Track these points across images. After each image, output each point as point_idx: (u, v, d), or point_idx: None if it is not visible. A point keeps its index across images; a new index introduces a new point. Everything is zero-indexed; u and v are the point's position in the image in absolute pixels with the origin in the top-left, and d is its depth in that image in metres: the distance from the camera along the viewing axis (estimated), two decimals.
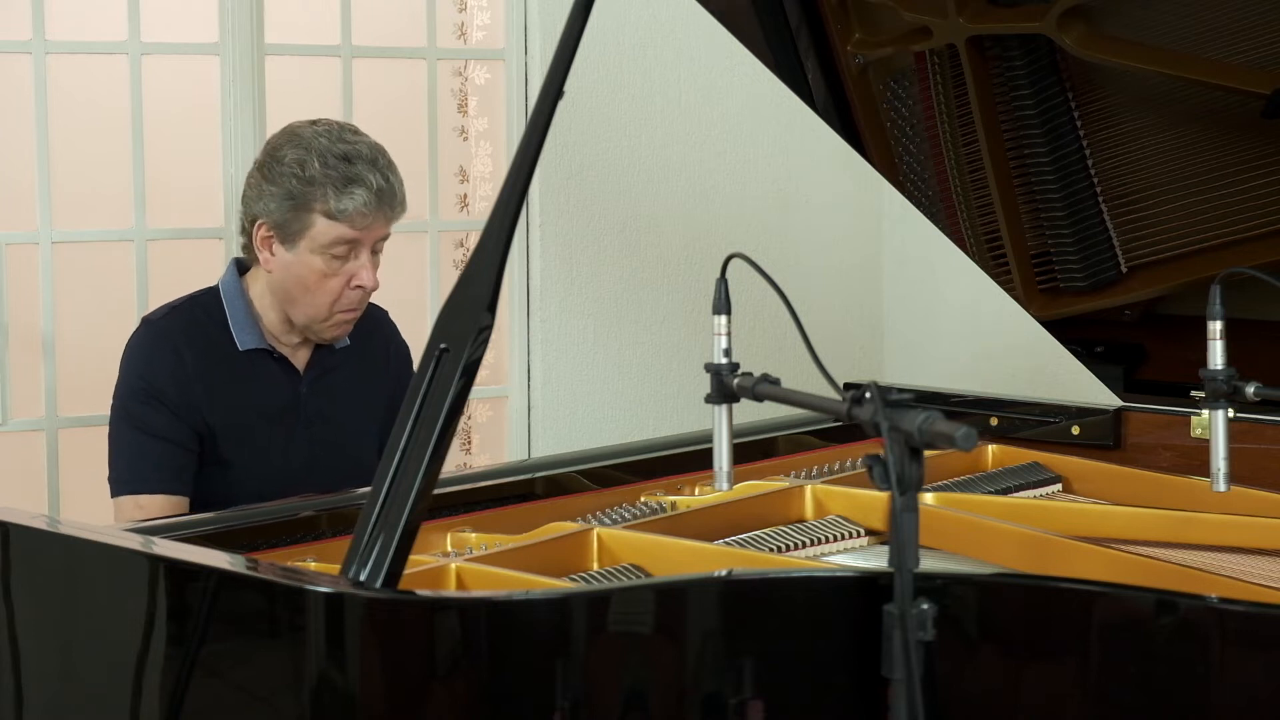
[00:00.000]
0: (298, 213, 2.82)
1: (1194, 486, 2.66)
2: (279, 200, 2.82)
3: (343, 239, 2.82)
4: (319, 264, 2.83)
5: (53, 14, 3.63)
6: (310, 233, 2.82)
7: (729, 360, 2.11)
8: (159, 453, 2.83)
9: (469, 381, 1.91)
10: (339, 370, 2.99)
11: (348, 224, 2.81)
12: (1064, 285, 3.17)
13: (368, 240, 2.84)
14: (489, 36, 4.19)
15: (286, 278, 2.86)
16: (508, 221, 1.95)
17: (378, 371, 3.02)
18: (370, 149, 2.85)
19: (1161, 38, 2.83)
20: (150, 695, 1.96)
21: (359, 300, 2.88)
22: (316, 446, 2.93)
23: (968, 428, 1.61)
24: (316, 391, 2.95)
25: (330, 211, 2.80)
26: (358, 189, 2.79)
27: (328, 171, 2.80)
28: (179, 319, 2.91)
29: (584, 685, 1.85)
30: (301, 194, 2.81)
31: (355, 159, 2.81)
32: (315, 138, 2.84)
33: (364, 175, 2.80)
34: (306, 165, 2.80)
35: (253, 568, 2.00)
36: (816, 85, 3.18)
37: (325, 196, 2.79)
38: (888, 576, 1.64)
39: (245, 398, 2.89)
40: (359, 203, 2.79)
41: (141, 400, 2.85)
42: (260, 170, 2.87)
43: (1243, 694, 1.92)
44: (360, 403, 2.98)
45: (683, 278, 4.32)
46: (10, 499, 2.65)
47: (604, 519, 2.51)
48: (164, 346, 2.87)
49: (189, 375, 2.85)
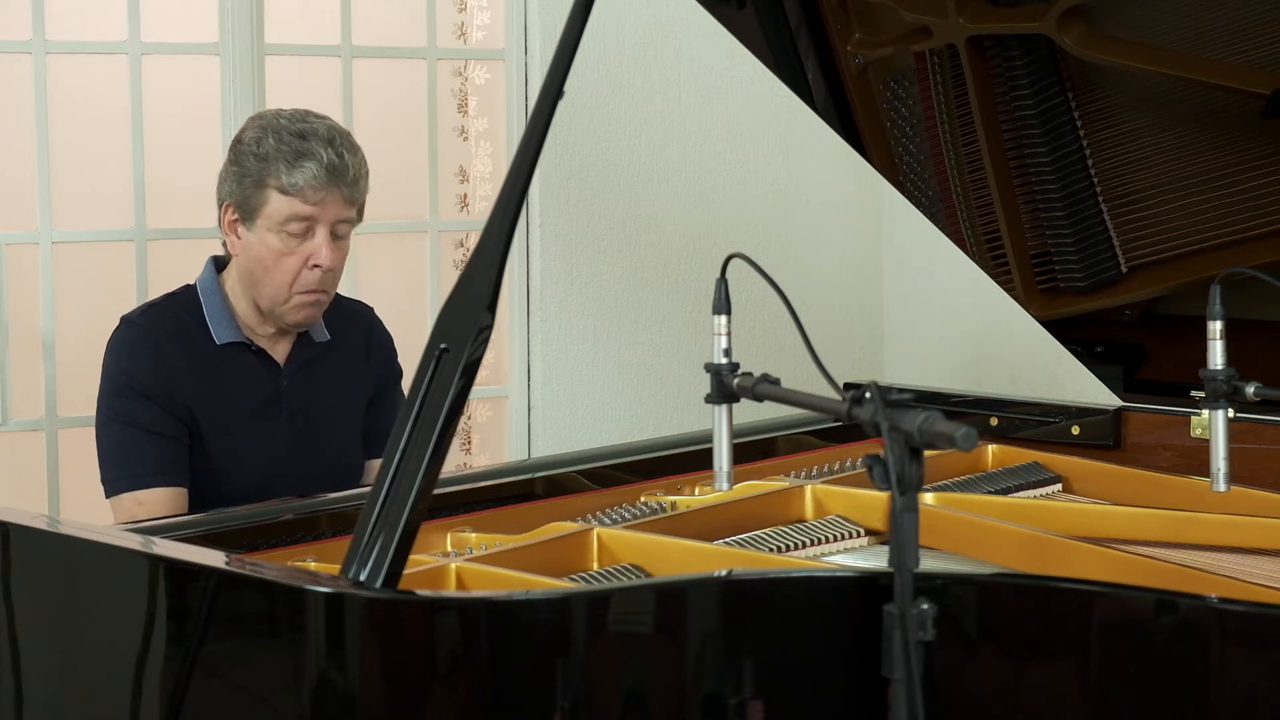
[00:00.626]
0: (255, 189, 2.85)
1: (1194, 486, 2.66)
2: (239, 179, 2.87)
3: (297, 215, 2.84)
4: (276, 242, 2.85)
5: (53, 14, 3.63)
6: (266, 209, 2.85)
7: (729, 360, 2.11)
8: (151, 446, 2.84)
9: (469, 381, 1.91)
10: (319, 362, 2.99)
11: (299, 198, 2.83)
12: (1064, 285, 3.17)
13: (324, 218, 2.85)
14: (489, 36, 4.20)
15: (249, 259, 2.89)
16: (508, 221, 1.95)
17: (359, 363, 3.03)
18: (329, 129, 2.88)
19: (1161, 38, 2.83)
20: (150, 695, 1.96)
21: (318, 281, 2.88)
22: (299, 439, 2.94)
23: (968, 428, 1.61)
24: (297, 384, 2.96)
25: (283, 186, 2.83)
26: (308, 162, 2.82)
27: (280, 147, 2.83)
28: (157, 316, 2.93)
29: (584, 685, 1.85)
30: (257, 170, 2.84)
31: (309, 135, 2.84)
32: (276, 118, 2.88)
33: (315, 150, 2.83)
34: (262, 142, 2.84)
35: (253, 568, 2.00)
36: (816, 85, 3.18)
37: (278, 171, 2.83)
38: (888, 576, 1.64)
39: (226, 392, 2.90)
40: (308, 176, 2.81)
41: (126, 396, 2.85)
42: (229, 154, 2.92)
43: (1243, 694, 1.92)
44: (342, 394, 2.99)
45: (683, 278, 4.32)
46: (10, 499, 2.65)
47: (604, 519, 2.51)
48: (144, 343, 2.88)
49: (170, 370, 2.86)
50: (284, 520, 2.44)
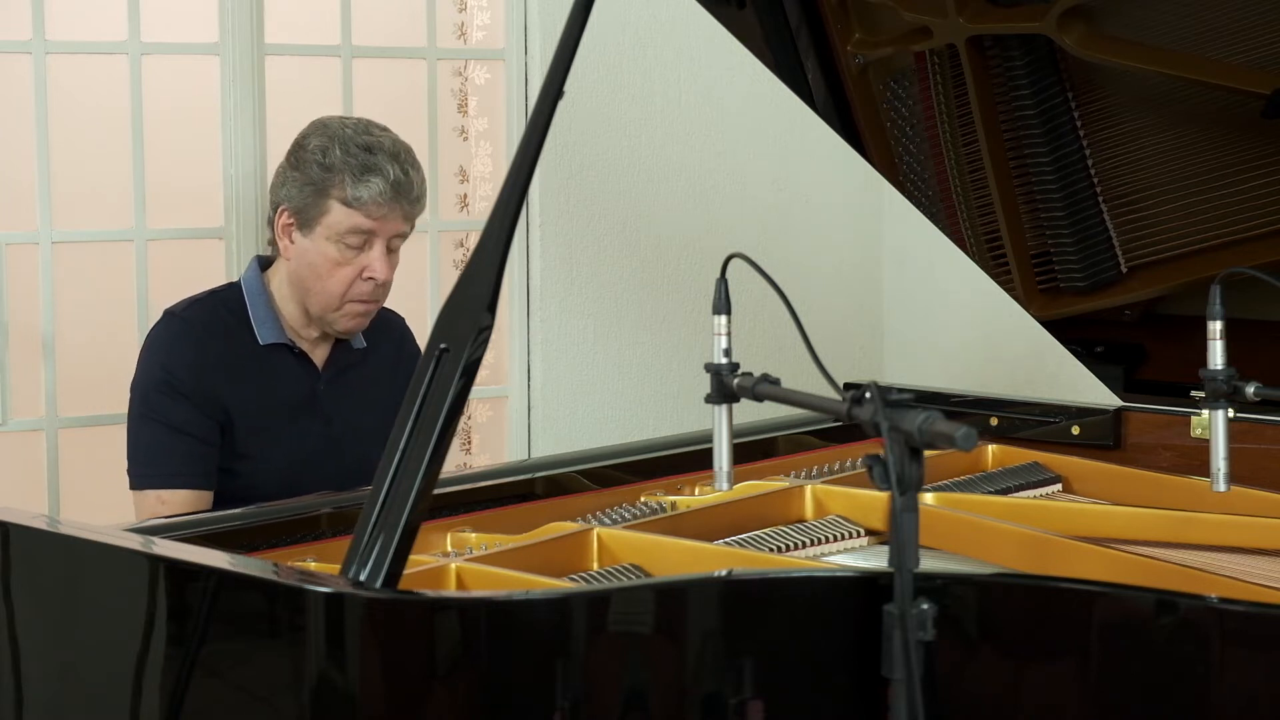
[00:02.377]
0: (316, 198, 2.87)
1: (1194, 486, 2.66)
2: (300, 186, 2.88)
3: (358, 228, 2.86)
4: (333, 252, 2.87)
5: (53, 14, 3.63)
6: (326, 219, 2.87)
7: (729, 360, 2.11)
8: (181, 447, 2.85)
9: (469, 381, 1.91)
10: (356, 369, 3.02)
11: (363, 212, 2.85)
12: (1064, 285, 3.17)
13: (383, 232, 2.88)
14: (489, 36, 4.19)
15: (302, 265, 2.91)
16: (508, 221, 1.95)
17: (390, 373, 3.05)
18: (394, 144, 2.91)
19: (1161, 38, 2.83)
20: (150, 695, 1.96)
21: (371, 292, 2.91)
22: (331, 443, 2.96)
23: (968, 428, 1.61)
24: (334, 388, 2.98)
25: (347, 199, 2.85)
26: (375, 178, 2.84)
27: (348, 159, 2.85)
28: (201, 311, 2.94)
29: (584, 685, 1.85)
30: (321, 180, 2.86)
31: (376, 150, 2.87)
32: (341, 128, 2.91)
33: (383, 165, 2.85)
34: (328, 152, 2.86)
35: (253, 567, 2.00)
36: (816, 85, 3.18)
37: (343, 183, 2.85)
38: (888, 576, 1.64)
39: (264, 391, 2.92)
40: (374, 191, 2.84)
41: (162, 391, 2.86)
42: (288, 158, 2.94)
43: (1243, 694, 1.92)
44: (375, 402, 3.00)
45: (683, 278, 4.31)
46: (10, 499, 2.65)
47: (604, 519, 2.51)
48: (186, 337, 2.90)
49: (209, 366, 2.88)
50: (284, 520, 2.44)
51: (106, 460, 3.24)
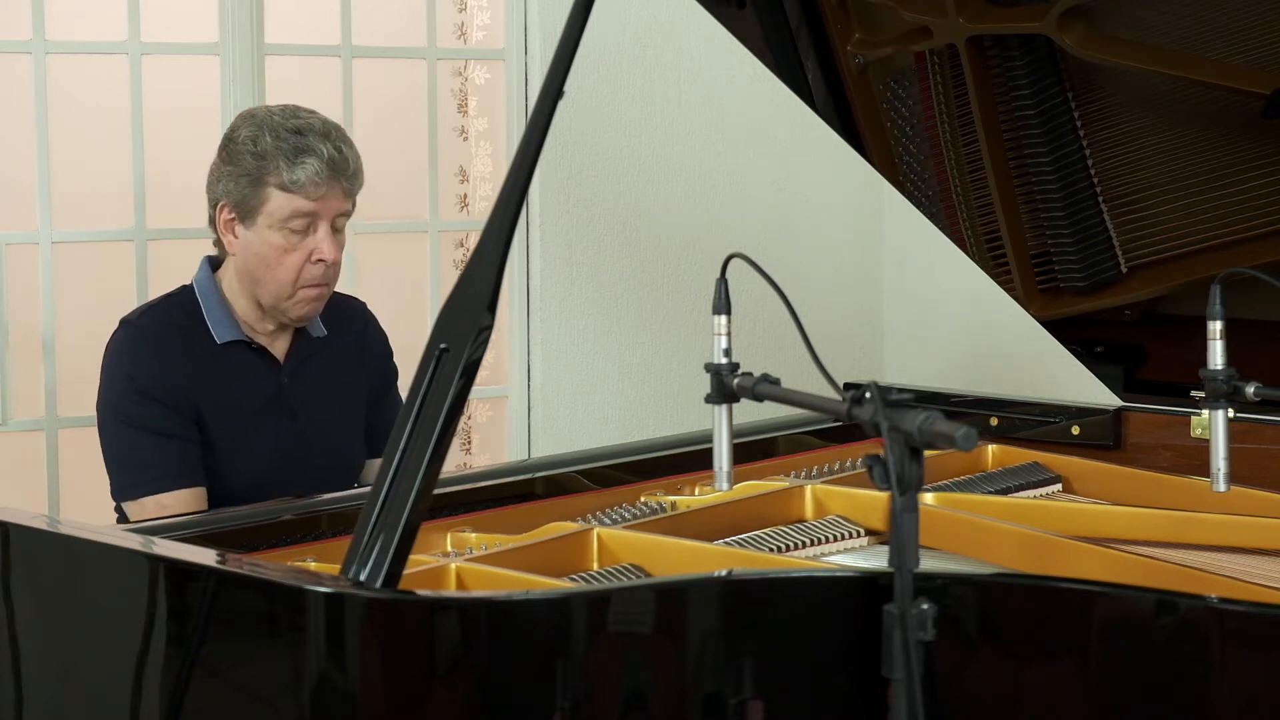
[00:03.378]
0: (254, 188, 2.85)
1: (1194, 486, 2.66)
2: (235, 178, 2.86)
3: (299, 211, 2.84)
4: (278, 239, 2.86)
5: (53, 14, 3.63)
6: (267, 208, 2.85)
7: (729, 360, 2.11)
8: (163, 448, 2.84)
9: (469, 381, 1.91)
10: (317, 358, 3.00)
11: (302, 195, 2.83)
12: (1064, 285, 3.17)
13: (325, 213, 2.86)
14: (489, 36, 4.20)
15: (249, 257, 2.89)
16: (508, 221, 1.95)
17: (355, 360, 3.04)
18: (324, 124, 2.89)
19: (1162, 38, 2.83)
20: (150, 695, 1.96)
21: (321, 275, 2.89)
22: (300, 436, 2.95)
23: (968, 428, 1.61)
24: (298, 380, 2.97)
25: (284, 183, 2.83)
26: (309, 159, 2.83)
27: (279, 144, 2.83)
28: (157, 317, 2.93)
29: (584, 685, 1.85)
30: (255, 169, 2.84)
31: (307, 131, 2.85)
32: (269, 115, 2.89)
33: (315, 145, 2.83)
34: (259, 140, 2.85)
35: (252, 568, 2.00)
36: (816, 85, 3.18)
37: (278, 169, 2.83)
38: (888, 576, 1.64)
39: (229, 390, 2.90)
40: (310, 172, 2.82)
41: (132, 399, 2.85)
42: (219, 154, 2.92)
43: (1243, 694, 1.92)
44: (340, 392, 3.00)
45: (683, 278, 4.32)
46: (10, 499, 2.65)
47: (604, 519, 2.50)
48: (146, 344, 2.88)
49: (173, 370, 2.86)
50: (284, 520, 2.44)
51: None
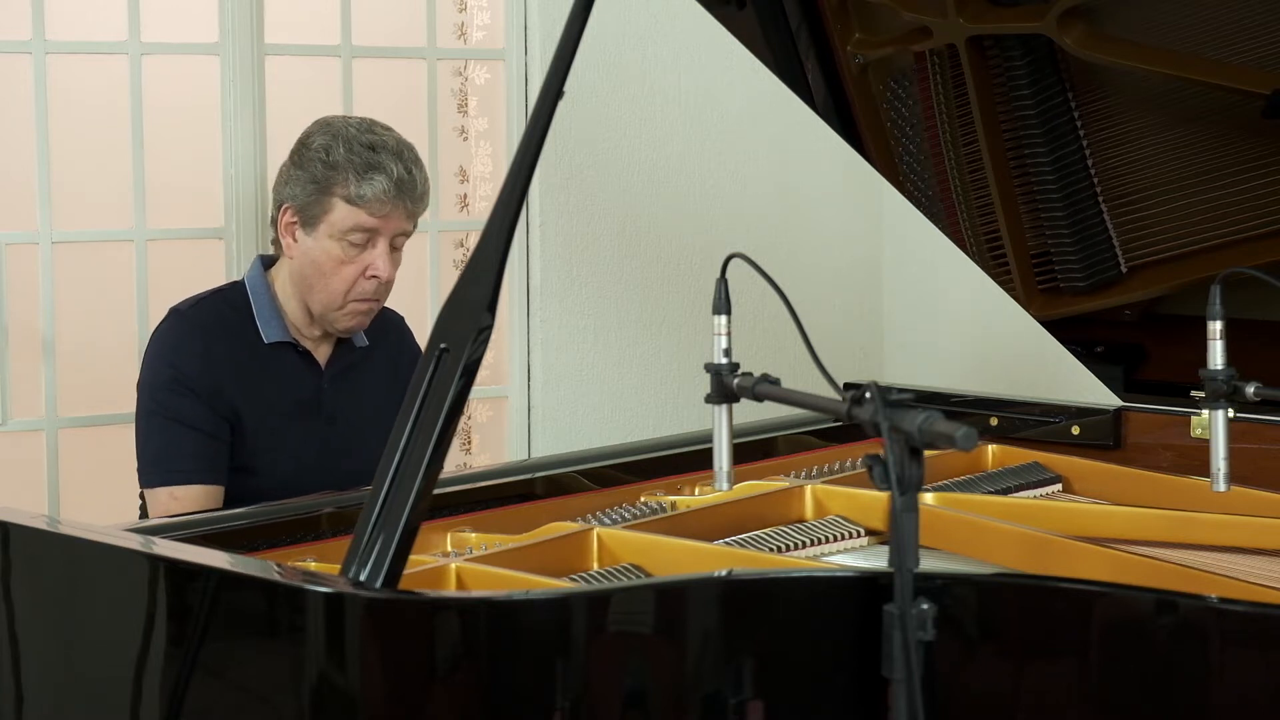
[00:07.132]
0: (320, 196, 2.87)
1: (1194, 486, 2.66)
2: (304, 184, 2.89)
3: (361, 226, 2.87)
4: (336, 250, 2.88)
5: (53, 14, 3.63)
6: (330, 217, 2.87)
7: (729, 360, 2.11)
8: (192, 442, 2.85)
9: (469, 381, 1.91)
10: (358, 368, 3.03)
11: (366, 210, 2.86)
12: (1064, 285, 3.17)
13: (386, 231, 2.89)
14: (489, 36, 4.19)
15: (305, 263, 2.91)
16: (508, 221, 1.96)
17: (390, 373, 3.05)
18: (397, 143, 2.92)
19: (1161, 38, 2.83)
20: (150, 695, 1.96)
21: (373, 291, 2.92)
22: (334, 442, 2.96)
23: (968, 428, 1.61)
24: (337, 387, 2.99)
25: (350, 196, 2.85)
26: (378, 175, 2.85)
27: (351, 157, 2.86)
28: (206, 310, 2.95)
29: (584, 685, 1.85)
30: (324, 178, 2.87)
31: (380, 148, 2.88)
32: (345, 126, 2.91)
33: (386, 163, 2.86)
34: (332, 150, 2.87)
35: (253, 568, 2.00)
36: (816, 85, 3.18)
37: (346, 181, 2.85)
38: (888, 576, 1.64)
39: (269, 390, 2.92)
40: (378, 189, 2.84)
41: (171, 389, 2.87)
42: (291, 157, 2.95)
43: (1243, 694, 1.92)
44: (377, 402, 3.01)
45: (683, 278, 4.31)
46: (10, 499, 2.65)
47: (604, 519, 2.51)
48: (192, 336, 2.90)
49: (216, 364, 2.88)
50: (284, 520, 2.44)
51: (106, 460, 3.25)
